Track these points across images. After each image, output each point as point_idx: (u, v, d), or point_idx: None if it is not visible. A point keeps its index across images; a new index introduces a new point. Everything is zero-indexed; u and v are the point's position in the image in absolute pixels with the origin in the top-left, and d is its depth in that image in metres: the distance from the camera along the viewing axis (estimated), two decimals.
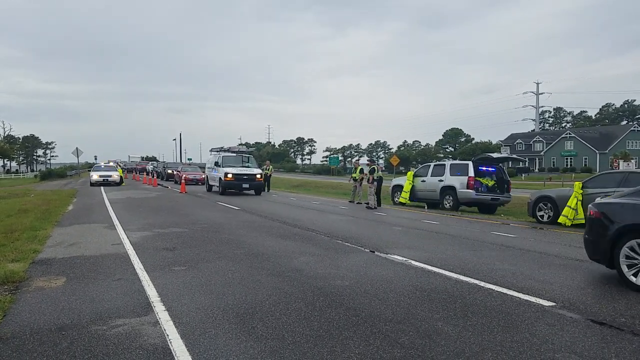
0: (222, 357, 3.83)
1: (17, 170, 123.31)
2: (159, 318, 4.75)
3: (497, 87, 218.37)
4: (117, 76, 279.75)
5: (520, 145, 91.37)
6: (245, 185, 24.26)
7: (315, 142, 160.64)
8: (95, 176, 34.04)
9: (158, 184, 35.55)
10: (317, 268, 7.17)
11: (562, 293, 5.85)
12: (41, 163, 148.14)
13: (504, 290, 5.94)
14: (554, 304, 5.38)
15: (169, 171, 44.22)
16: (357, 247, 9.13)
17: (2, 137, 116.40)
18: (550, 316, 4.93)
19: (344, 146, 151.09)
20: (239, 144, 34.58)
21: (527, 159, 76.60)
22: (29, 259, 7.65)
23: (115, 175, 34.25)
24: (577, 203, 12.98)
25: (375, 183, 19.54)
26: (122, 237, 10.22)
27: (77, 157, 50.20)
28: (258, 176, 24.86)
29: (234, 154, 26.82)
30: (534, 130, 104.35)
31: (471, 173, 18.09)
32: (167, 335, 4.28)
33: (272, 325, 4.55)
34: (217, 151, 28.30)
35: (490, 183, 18.73)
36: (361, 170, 21.97)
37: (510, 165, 63.34)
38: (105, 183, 33.35)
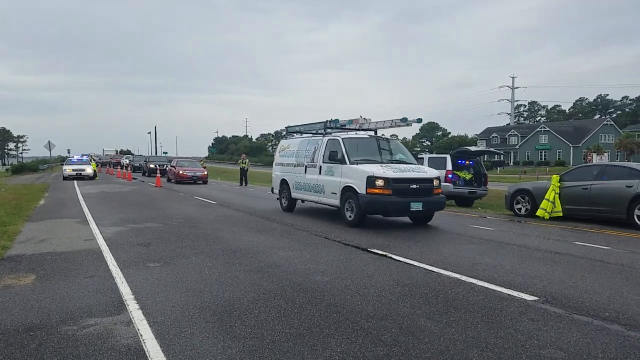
0: (198, 357, 3.67)
1: None
2: (133, 317, 4.57)
3: (474, 81, 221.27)
4: (92, 68, 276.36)
5: (496, 139, 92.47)
6: (416, 206, 10.68)
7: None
8: (68, 170, 33.39)
9: (133, 178, 34.96)
10: (296, 263, 7.03)
11: (544, 287, 5.82)
12: (13, 157, 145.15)
13: (486, 285, 5.89)
14: (536, 298, 5.33)
15: (152, 165, 38.75)
16: (337, 242, 9.01)
17: None
18: (533, 311, 4.87)
19: None
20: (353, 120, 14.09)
21: (502, 153, 77.41)
22: None
23: (88, 169, 33.64)
24: (554, 196, 13.03)
25: None
26: (95, 232, 9.94)
27: (50, 150, 49.17)
28: (435, 182, 11.27)
29: (367, 137, 13.09)
30: (509, 124, 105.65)
31: (449, 167, 18.12)
32: (141, 335, 4.11)
33: (251, 324, 4.41)
34: (307, 131, 14.66)
35: (468, 176, 18.84)
36: None
37: (486, 159, 64.03)
38: (79, 177, 32.72)
